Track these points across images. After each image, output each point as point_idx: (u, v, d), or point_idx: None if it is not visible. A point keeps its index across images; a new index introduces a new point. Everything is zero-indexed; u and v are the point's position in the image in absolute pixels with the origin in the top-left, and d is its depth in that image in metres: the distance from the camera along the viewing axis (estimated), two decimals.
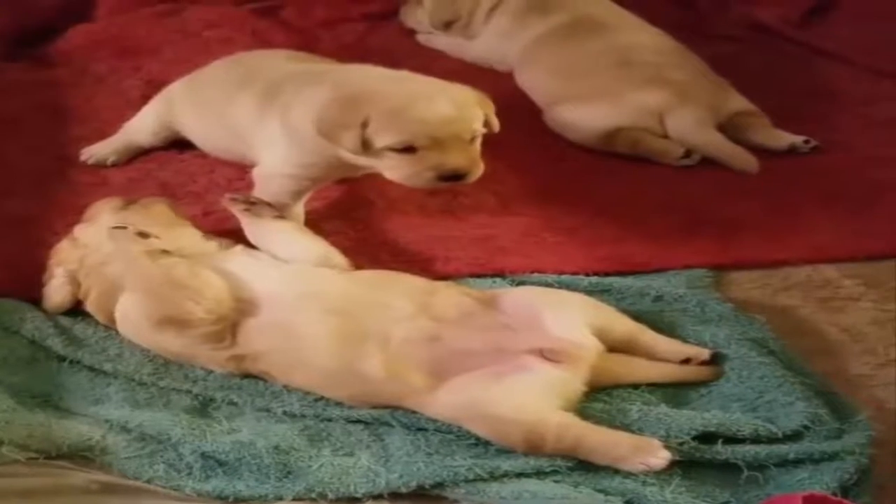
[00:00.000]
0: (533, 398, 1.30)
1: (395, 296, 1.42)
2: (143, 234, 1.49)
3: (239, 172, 1.90)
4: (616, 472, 1.28)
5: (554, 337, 1.37)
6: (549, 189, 1.88)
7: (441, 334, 1.37)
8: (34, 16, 2.36)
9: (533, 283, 1.62)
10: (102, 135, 2.01)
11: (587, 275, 1.64)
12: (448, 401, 1.32)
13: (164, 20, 2.42)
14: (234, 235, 1.70)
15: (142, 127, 1.96)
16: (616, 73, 2.02)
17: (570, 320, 1.41)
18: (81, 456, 1.29)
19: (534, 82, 2.16)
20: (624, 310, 1.54)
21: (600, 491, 1.25)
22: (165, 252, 1.47)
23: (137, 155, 1.95)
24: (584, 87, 2.03)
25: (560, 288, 1.60)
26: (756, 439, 1.32)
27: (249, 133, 1.79)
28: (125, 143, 1.96)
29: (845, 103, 2.19)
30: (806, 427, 1.33)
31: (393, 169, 1.61)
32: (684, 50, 2.10)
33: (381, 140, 1.58)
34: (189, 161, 1.94)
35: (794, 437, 1.33)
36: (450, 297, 1.44)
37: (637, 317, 1.53)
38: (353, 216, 1.80)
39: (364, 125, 1.58)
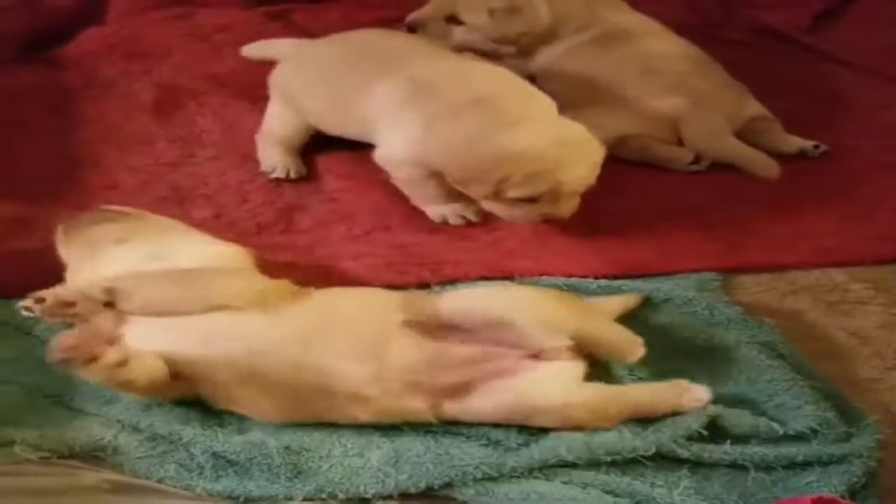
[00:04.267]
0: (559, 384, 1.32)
1: (345, 362, 1.32)
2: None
3: (250, 175, 1.92)
4: (625, 473, 1.28)
5: (533, 345, 1.35)
6: None
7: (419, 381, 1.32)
8: (45, 19, 2.36)
9: (542, 286, 1.61)
10: (112, 138, 2.02)
11: (596, 277, 1.64)
12: (483, 407, 1.32)
13: (174, 24, 2.43)
14: (244, 240, 1.71)
15: (280, 129, 1.95)
16: (637, 80, 2.02)
17: (530, 325, 1.35)
18: (93, 456, 1.30)
19: (556, 90, 2.15)
20: (633, 314, 1.55)
21: (609, 492, 1.25)
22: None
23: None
24: (601, 95, 2.03)
25: (568, 292, 1.61)
26: (757, 435, 1.33)
27: (380, 119, 1.78)
28: (285, 148, 1.92)
29: (854, 108, 2.20)
30: (814, 430, 1.33)
31: (503, 209, 1.68)
32: (707, 58, 2.11)
33: (512, 193, 1.64)
34: (201, 164, 1.95)
35: (803, 439, 1.33)
36: (403, 350, 1.33)
37: (645, 320, 1.55)
38: (363, 218, 1.80)
39: (501, 182, 1.63)
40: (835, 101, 2.21)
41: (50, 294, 1.34)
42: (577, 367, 1.35)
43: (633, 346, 1.39)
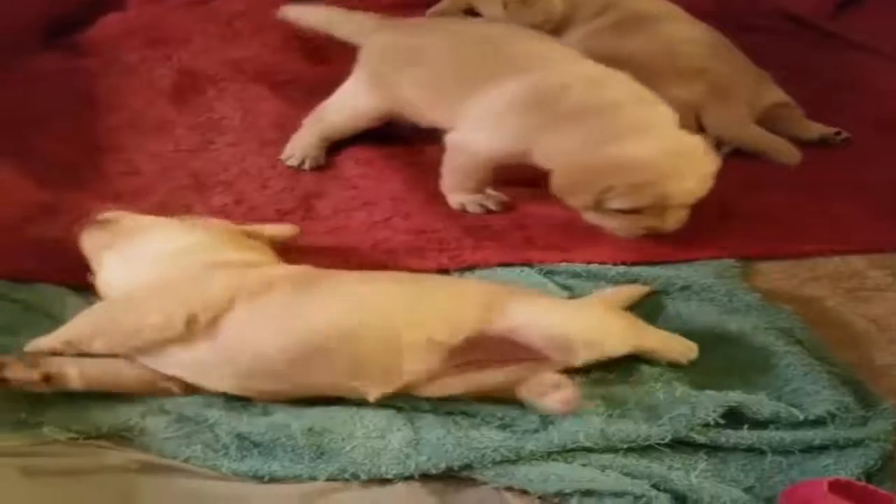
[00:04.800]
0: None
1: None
2: None
3: (270, 161, 1.92)
4: (642, 456, 1.29)
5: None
6: None
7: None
8: (66, 5, 2.35)
9: (561, 273, 1.64)
10: (133, 124, 2.02)
11: (615, 264, 1.65)
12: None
13: (193, 10, 2.42)
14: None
15: (348, 116, 1.92)
16: (657, 67, 2.00)
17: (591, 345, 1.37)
18: (120, 436, 1.31)
19: None
20: (651, 299, 1.56)
21: (627, 474, 1.26)
22: None
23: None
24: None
25: (588, 278, 1.62)
26: (777, 421, 1.33)
27: (484, 117, 1.73)
28: (327, 137, 1.92)
29: (876, 95, 2.19)
30: (831, 414, 1.34)
31: (605, 220, 1.66)
32: (728, 44, 2.10)
33: (615, 204, 1.62)
34: (221, 150, 1.95)
35: (820, 423, 1.34)
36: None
37: (664, 306, 1.56)
38: (383, 205, 1.80)
39: (604, 191, 1.61)
40: (857, 88, 2.19)
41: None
42: None
43: (689, 351, 1.43)
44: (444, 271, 1.63)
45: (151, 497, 1.24)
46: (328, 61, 2.28)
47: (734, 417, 1.33)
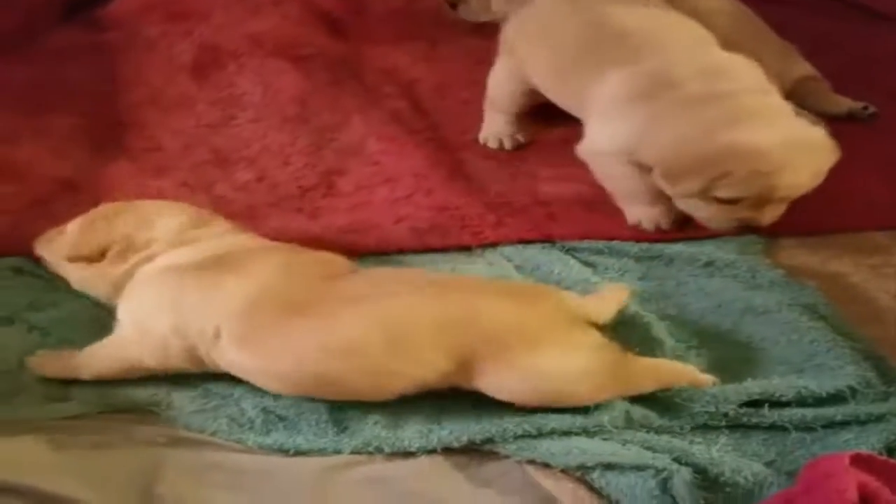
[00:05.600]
0: None
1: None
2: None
3: (291, 137, 1.92)
4: (663, 431, 1.30)
5: None
6: None
7: None
8: None
9: (583, 250, 1.64)
10: (154, 100, 2.02)
11: (637, 241, 1.65)
12: None
13: None
14: (286, 203, 1.74)
15: (504, 92, 1.90)
16: None
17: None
18: (148, 411, 1.34)
19: None
20: (674, 276, 1.57)
21: (648, 448, 1.27)
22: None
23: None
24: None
25: (610, 254, 1.63)
26: (801, 402, 1.34)
27: (600, 107, 1.68)
28: (506, 114, 1.90)
29: None
30: (853, 390, 1.35)
31: (699, 209, 1.60)
32: (754, 16, 2.07)
33: (721, 192, 1.56)
34: (242, 126, 1.96)
35: (842, 398, 1.34)
36: None
37: (686, 282, 1.56)
38: (405, 181, 1.80)
39: (718, 178, 1.55)
40: (883, 61, 2.16)
41: None
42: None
43: (702, 379, 1.37)
44: (466, 248, 1.64)
45: (178, 470, 1.26)
46: (349, 35, 2.29)
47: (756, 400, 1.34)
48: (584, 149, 1.71)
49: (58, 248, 1.48)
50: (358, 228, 1.67)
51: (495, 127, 1.92)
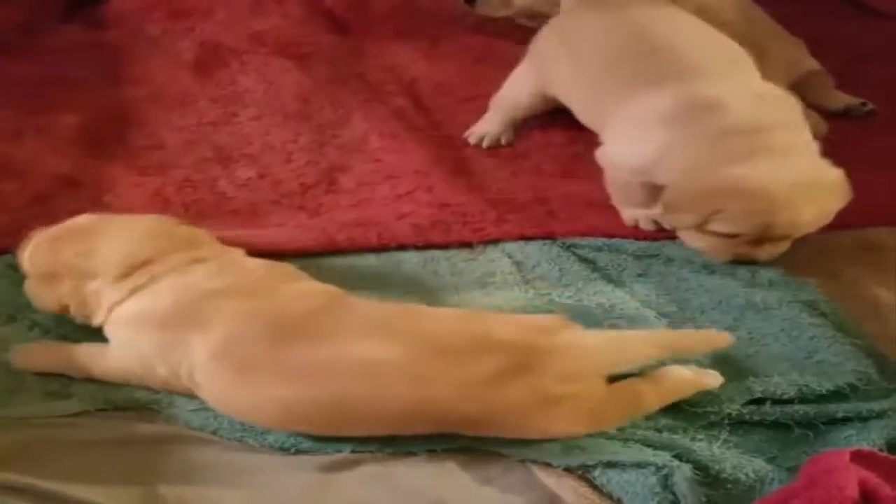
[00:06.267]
0: None
1: None
2: None
3: (293, 134, 1.93)
4: (664, 429, 1.30)
5: None
6: None
7: None
8: None
9: (583, 247, 1.65)
10: (156, 98, 2.02)
11: (636, 239, 1.66)
12: None
13: None
14: (288, 200, 1.74)
15: (517, 95, 1.91)
16: None
17: None
18: (148, 409, 1.34)
19: None
20: (674, 273, 1.58)
21: (649, 446, 1.28)
22: None
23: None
24: None
25: (609, 251, 1.63)
26: (802, 399, 1.34)
27: (627, 126, 1.65)
28: (507, 117, 1.91)
29: None
30: (854, 386, 1.35)
31: (698, 241, 1.59)
32: (761, 11, 2.08)
33: (717, 227, 1.55)
34: (244, 124, 1.97)
35: (843, 395, 1.35)
36: None
37: (686, 279, 1.57)
38: (406, 178, 1.81)
39: (713, 213, 1.55)
40: (881, 58, 2.17)
41: None
42: None
43: (708, 383, 1.35)
44: (467, 245, 1.65)
45: (180, 468, 1.26)
46: (350, 33, 2.31)
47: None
48: (602, 158, 1.71)
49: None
50: (360, 224, 1.68)
51: (487, 126, 1.93)
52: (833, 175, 1.58)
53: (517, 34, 2.25)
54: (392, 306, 1.35)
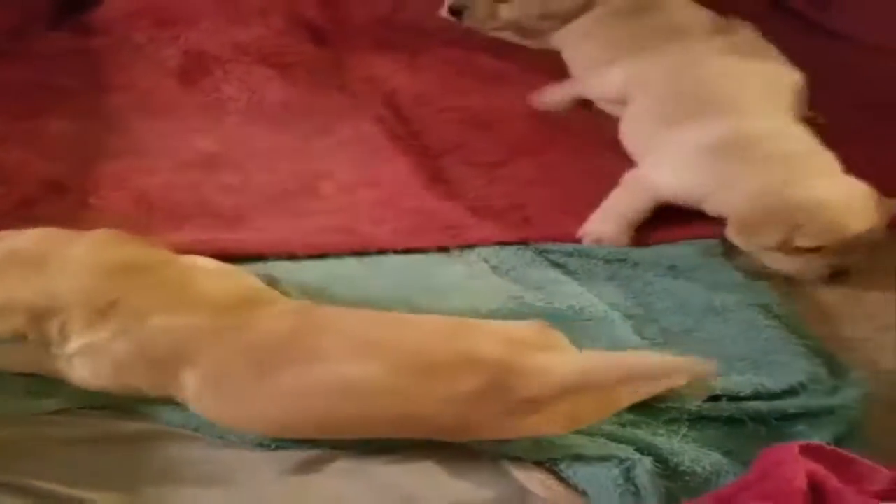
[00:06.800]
0: None
1: None
2: None
3: (274, 142, 1.95)
4: (627, 424, 1.36)
5: None
6: (577, 164, 1.94)
7: None
8: None
9: (554, 252, 1.71)
10: (141, 105, 2.02)
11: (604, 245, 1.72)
12: None
13: None
14: (271, 205, 1.77)
15: (600, 88, 2.05)
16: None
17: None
18: (129, 408, 1.34)
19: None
20: (640, 277, 1.64)
21: (613, 440, 1.32)
22: None
23: None
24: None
25: (579, 256, 1.69)
26: (757, 396, 1.40)
27: (667, 157, 1.79)
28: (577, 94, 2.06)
29: (856, 81, 2.21)
30: (804, 385, 1.42)
31: (787, 263, 1.66)
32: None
33: (801, 242, 1.64)
34: (228, 130, 1.98)
35: (794, 393, 1.41)
36: None
37: (649, 283, 1.63)
38: (386, 186, 1.84)
39: (793, 229, 1.63)
40: (835, 74, 2.20)
41: None
42: None
43: (677, 382, 1.39)
44: (444, 249, 1.70)
45: (161, 465, 1.28)
46: (331, 44, 2.33)
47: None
48: (636, 179, 1.79)
49: None
50: (341, 229, 1.71)
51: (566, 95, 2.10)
52: (868, 189, 1.69)
53: (495, 48, 2.31)
54: (370, 317, 1.36)
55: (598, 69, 2.10)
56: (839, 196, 1.66)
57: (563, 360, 1.31)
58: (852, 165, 1.75)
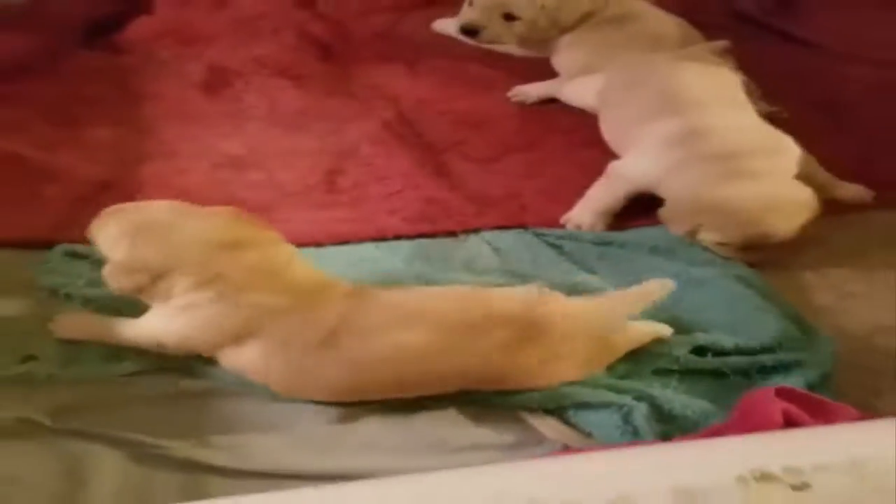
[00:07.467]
0: None
1: None
2: None
3: (293, 144, 2.07)
4: (624, 377, 1.50)
5: None
6: (566, 158, 2.09)
7: None
8: (103, 8, 2.49)
9: (550, 235, 1.86)
10: (170, 113, 2.13)
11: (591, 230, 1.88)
12: None
13: (218, 11, 2.59)
14: (293, 198, 1.89)
15: (579, 94, 2.18)
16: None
17: None
18: (190, 369, 1.49)
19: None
20: (627, 256, 1.79)
21: (613, 390, 1.45)
22: None
23: None
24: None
25: (572, 240, 1.83)
26: (738, 351, 1.54)
27: (642, 142, 1.90)
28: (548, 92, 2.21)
29: (816, 83, 2.33)
30: (780, 342, 1.55)
31: (712, 245, 1.78)
32: (699, 36, 2.32)
33: (707, 237, 1.77)
34: (251, 135, 2.10)
35: (770, 350, 1.54)
36: None
37: (636, 261, 1.78)
38: (395, 179, 1.97)
39: (696, 226, 1.77)
40: (800, 78, 2.35)
41: None
42: None
43: (662, 332, 1.55)
44: (451, 234, 1.85)
45: (223, 415, 1.42)
46: (336, 56, 2.48)
47: (702, 348, 1.56)
48: (615, 168, 1.92)
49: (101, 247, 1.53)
50: (358, 219, 1.85)
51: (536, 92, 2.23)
52: (804, 194, 1.78)
53: (483, 57, 2.47)
54: (407, 292, 1.52)
55: (579, 75, 2.26)
56: (751, 206, 1.74)
57: (575, 304, 1.50)
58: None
